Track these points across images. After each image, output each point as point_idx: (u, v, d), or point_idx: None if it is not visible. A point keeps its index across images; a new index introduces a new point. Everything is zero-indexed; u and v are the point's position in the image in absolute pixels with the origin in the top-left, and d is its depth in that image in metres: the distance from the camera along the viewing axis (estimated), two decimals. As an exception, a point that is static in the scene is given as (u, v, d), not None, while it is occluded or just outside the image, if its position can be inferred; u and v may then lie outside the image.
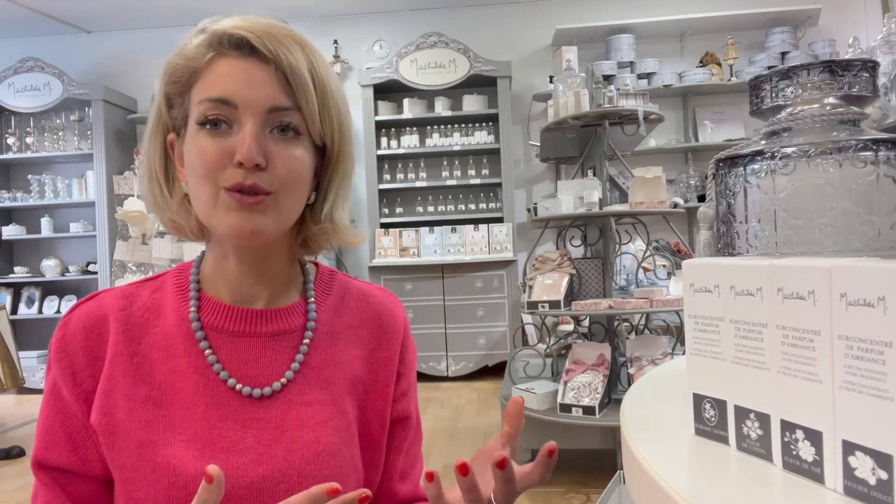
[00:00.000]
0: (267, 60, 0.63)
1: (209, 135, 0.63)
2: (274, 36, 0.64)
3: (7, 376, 3.46)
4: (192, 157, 0.64)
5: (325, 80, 0.66)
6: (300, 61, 0.64)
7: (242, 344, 0.69)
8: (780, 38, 4.83)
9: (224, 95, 0.62)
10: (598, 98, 2.56)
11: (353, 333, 0.75)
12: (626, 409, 0.64)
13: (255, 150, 0.61)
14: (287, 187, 0.64)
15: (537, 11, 5.27)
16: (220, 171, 0.62)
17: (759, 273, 0.48)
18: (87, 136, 5.17)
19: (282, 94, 0.63)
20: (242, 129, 0.62)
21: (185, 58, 0.64)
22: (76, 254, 5.35)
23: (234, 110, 0.62)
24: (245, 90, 0.62)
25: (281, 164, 0.63)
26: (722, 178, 0.64)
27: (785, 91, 0.61)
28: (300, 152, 0.65)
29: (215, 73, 0.63)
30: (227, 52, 0.63)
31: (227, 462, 0.64)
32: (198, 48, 0.64)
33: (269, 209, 0.64)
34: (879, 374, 0.38)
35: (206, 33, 0.64)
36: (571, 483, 2.53)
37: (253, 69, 0.63)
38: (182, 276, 0.73)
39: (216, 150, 0.62)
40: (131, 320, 0.69)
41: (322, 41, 5.34)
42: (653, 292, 2.38)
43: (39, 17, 5.16)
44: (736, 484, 0.46)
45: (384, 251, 4.78)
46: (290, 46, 0.64)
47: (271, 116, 0.63)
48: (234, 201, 0.62)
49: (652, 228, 2.67)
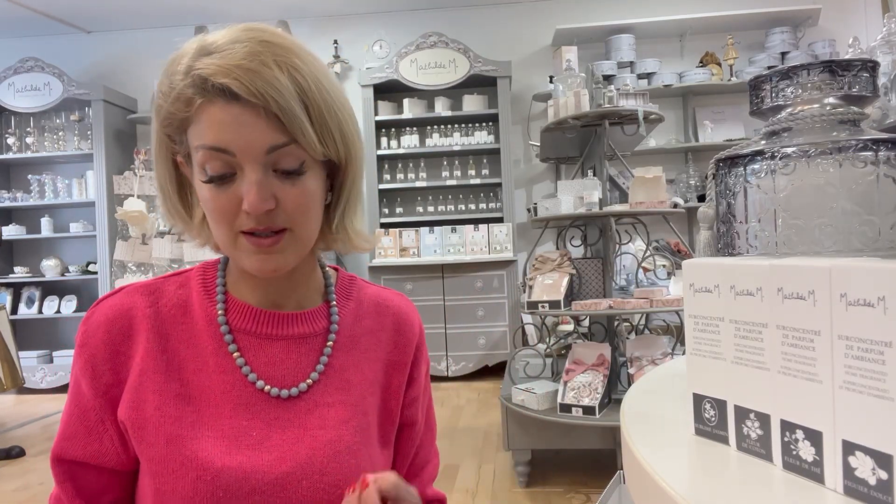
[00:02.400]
0: (254, 104, 0.61)
1: (214, 187, 0.63)
2: (257, 73, 0.60)
3: (7, 376, 3.46)
4: (203, 201, 0.65)
5: (318, 98, 0.64)
6: (288, 94, 0.61)
7: (268, 345, 0.71)
8: (780, 38, 4.83)
9: (219, 144, 0.61)
10: (598, 98, 2.56)
11: (373, 337, 0.78)
12: (626, 409, 0.64)
13: (262, 199, 0.61)
14: (300, 221, 0.66)
15: (537, 11, 5.27)
16: (233, 217, 0.63)
17: (759, 273, 0.47)
18: (87, 136, 5.17)
19: (276, 133, 0.62)
20: (246, 178, 0.62)
21: (174, 105, 0.63)
22: (76, 254, 5.35)
23: (233, 157, 0.62)
24: (238, 137, 0.61)
25: (291, 203, 0.64)
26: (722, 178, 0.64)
27: (785, 91, 0.61)
28: (309, 183, 0.65)
29: (207, 120, 0.62)
30: (215, 99, 0.61)
31: (253, 459, 0.66)
32: (183, 92, 0.62)
33: (288, 246, 0.65)
34: (879, 374, 0.38)
35: (191, 76, 0.61)
36: (571, 483, 2.53)
37: (242, 114, 0.61)
38: (208, 276, 0.74)
39: (224, 200, 0.63)
40: (160, 316, 0.70)
41: (322, 41, 5.34)
42: (653, 292, 2.37)
43: (39, 17, 5.15)
44: (736, 484, 0.46)
45: (384, 251, 4.78)
46: (274, 82, 0.61)
47: (271, 157, 0.63)
48: (252, 245, 0.64)
49: (652, 228, 2.67)
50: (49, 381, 4.92)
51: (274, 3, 5.11)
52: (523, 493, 2.48)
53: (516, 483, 2.55)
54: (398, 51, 4.97)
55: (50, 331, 5.36)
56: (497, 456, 2.92)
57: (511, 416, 2.51)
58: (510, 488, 2.53)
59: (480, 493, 2.50)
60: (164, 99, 0.64)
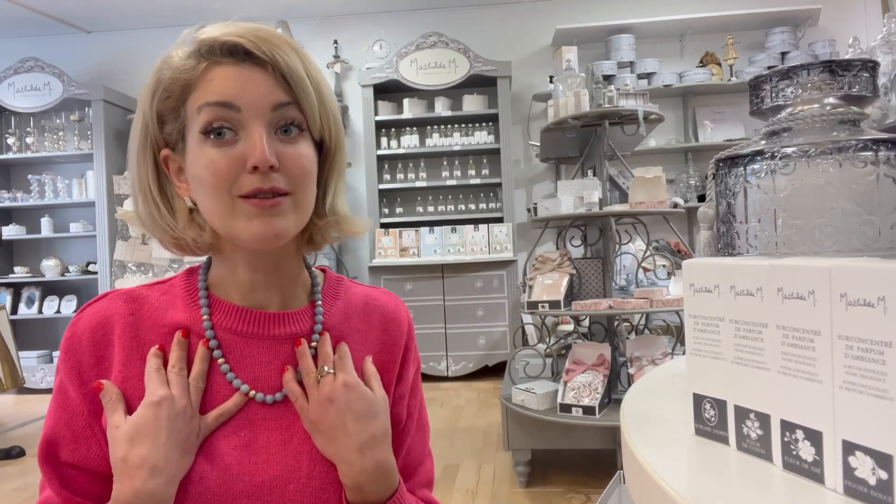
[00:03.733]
0: (263, 63, 0.63)
1: (215, 145, 0.62)
2: (266, 39, 0.63)
3: (7, 376, 3.46)
4: (199, 170, 0.64)
5: (318, 80, 0.67)
6: (295, 62, 0.64)
7: (253, 346, 0.70)
8: (780, 38, 4.83)
9: (226, 98, 0.62)
10: (598, 98, 2.56)
11: (361, 337, 0.77)
12: (626, 409, 0.64)
13: (269, 152, 0.62)
14: (301, 185, 0.65)
15: (537, 11, 5.27)
16: (233, 180, 0.63)
17: (759, 273, 0.47)
18: (87, 136, 5.17)
19: (281, 92, 0.64)
20: (251, 135, 0.62)
21: (177, 70, 0.64)
22: (76, 254, 5.35)
23: (238, 113, 0.62)
24: (245, 92, 0.62)
25: (292, 164, 0.64)
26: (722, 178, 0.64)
27: (785, 91, 0.61)
28: (306, 149, 0.66)
29: (213, 79, 0.63)
30: (221, 60, 0.63)
31: (240, 462, 0.66)
32: (188, 59, 0.63)
33: (289, 210, 0.65)
34: (879, 374, 0.38)
35: (194, 43, 0.64)
36: (571, 483, 2.53)
37: (250, 73, 0.63)
38: (191, 280, 0.74)
39: (225, 160, 0.62)
40: (142, 323, 0.69)
41: (322, 41, 5.35)
42: (653, 292, 2.37)
43: (39, 17, 5.15)
44: (736, 484, 0.46)
45: (384, 251, 4.78)
46: (282, 47, 0.64)
47: (275, 115, 0.64)
48: (253, 207, 0.63)
49: (652, 228, 2.67)
50: (49, 381, 4.91)
51: (274, 3, 5.11)
52: (523, 493, 2.48)
53: (516, 483, 2.55)
54: (398, 51, 4.97)
55: (50, 331, 5.36)
56: (497, 456, 2.92)
57: (511, 416, 2.51)
58: (510, 488, 2.53)
59: (480, 493, 2.50)
60: (163, 71, 0.64)
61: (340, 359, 0.70)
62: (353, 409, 0.67)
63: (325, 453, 0.67)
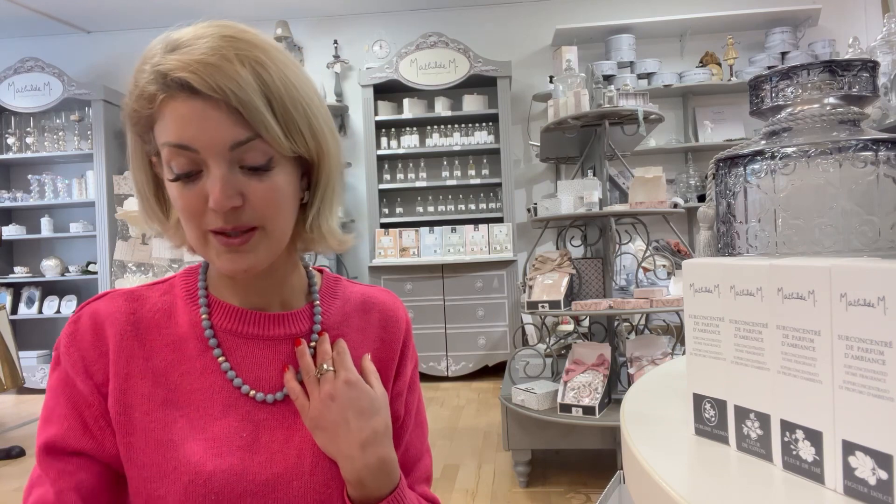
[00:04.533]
0: (214, 99, 0.60)
1: (181, 185, 0.62)
2: (217, 67, 0.59)
3: (7, 376, 3.46)
4: (173, 201, 0.64)
5: (282, 93, 0.62)
6: (250, 88, 0.60)
7: (253, 346, 0.71)
8: (780, 38, 4.83)
9: (182, 142, 0.60)
10: (598, 98, 2.56)
11: (360, 335, 0.77)
12: (626, 409, 0.64)
13: (226, 196, 0.60)
14: (271, 217, 0.64)
15: (537, 11, 5.27)
16: (201, 216, 0.62)
17: (759, 273, 0.47)
18: (87, 136, 5.17)
19: (239, 129, 0.61)
20: (211, 175, 0.61)
21: (138, 103, 0.63)
22: (76, 254, 5.35)
23: (197, 154, 0.61)
24: (201, 134, 0.60)
25: (258, 200, 0.63)
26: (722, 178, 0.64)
27: (785, 91, 0.61)
28: (278, 179, 0.64)
29: (170, 116, 0.61)
30: (176, 94, 0.60)
31: (244, 461, 0.66)
32: (146, 87, 0.61)
33: (259, 243, 0.64)
34: (879, 374, 0.38)
35: (153, 73, 0.61)
36: (571, 483, 2.53)
37: (203, 109, 0.60)
38: (191, 280, 0.74)
39: (191, 197, 0.62)
40: (142, 322, 0.70)
41: (322, 41, 5.35)
42: (653, 292, 2.37)
43: (39, 17, 5.15)
44: (736, 484, 0.46)
45: (384, 251, 4.78)
46: (235, 76, 0.59)
47: (236, 153, 0.61)
48: (221, 245, 0.63)
49: (652, 228, 2.67)
50: (49, 381, 4.91)
51: (274, 3, 5.11)
52: (523, 493, 2.48)
53: (516, 483, 2.55)
54: (398, 51, 4.97)
55: (50, 331, 5.36)
56: (497, 456, 2.92)
57: (511, 416, 2.51)
58: (510, 488, 2.53)
59: (480, 493, 2.50)
60: (130, 97, 0.64)
61: (339, 356, 0.71)
62: (355, 405, 0.68)
63: (327, 451, 0.68)
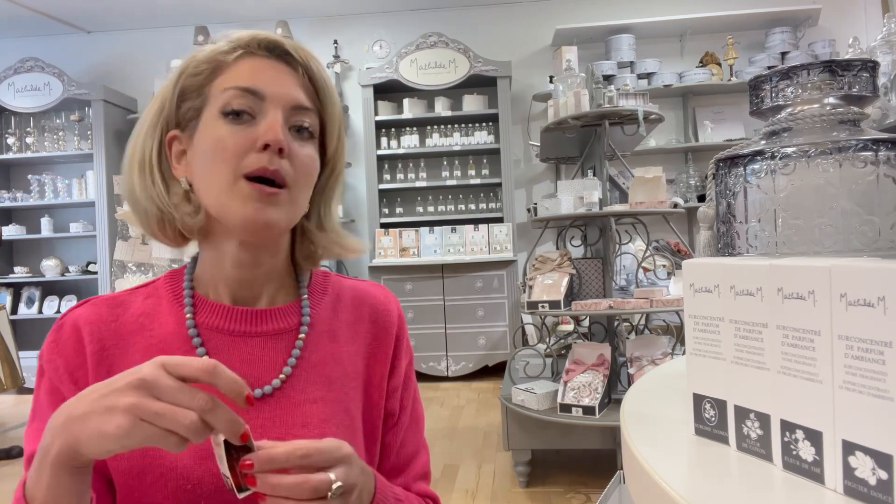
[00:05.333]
0: (295, 65, 0.68)
1: (229, 123, 0.64)
2: (301, 48, 0.69)
3: (7, 376, 3.46)
4: (207, 145, 0.65)
5: (333, 92, 0.72)
6: (323, 70, 0.70)
7: (240, 344, 0.70)
8: (780, 38, 4.83)
9: (253, 85, 0.65)
10: (598, 98, 2.56)
11: (351, 330, 0.76)
12: (626, 409, 0.64)
13: (283, 133, 0.64)
14: (301, 183, 0.67)
15: (537, 11, 5.27)
16: (240, 158, 0.64)
17: (759, 273, 0.47)
18: (87, 136, 5.17)
19: (306, 96, 0.68)
20: (268, 117, 0.64)
21: (211, 52, 0.67)
22: (76, 254, 5.35)
23: (261, 101, 0.65)
24: (273, 84, 0.66)
25: (298, 159, 0.66)
26: (722, 178, 0.64)
27: (785, 91, 0.61)
28: (313, 152, 0.69)
29: (244, 66, 0.66)
30: (257, 52, 0.67)
31: None
32: (224, 46, 0.67)
33: (284, 203, 0.65)
34: (879, 374, 0.38)
35: (233, 38, 0.67)
36: (571, 483, 2.53)
37: (282, 69, 0.67)
38: (175, 281, 0.74)
39: (237, 137, 0.64)
40: (125, 328, 0.69)
41: (322, 41, 5.34)
42: (653, 292, 2.37)
43: (39, 17, 5.15)
44: (736, 484, 0.46)
45: (384, 251, 4.78)
46: (315, 59, 0.70)
47: (293, 114, 0.67)
48: (254, 191, 0.63)
49: (652, 228, 2.67)
50: (49, 381, 4.91)
51: (274, 3, 5.11)
52: (523, 493, 2.48)
53: (516, 483, 2.55)
54: (398, 51, 4.97)
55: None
56: (497, 456, 2.92)
57: (511, 416, 2.51)
58: (510, 488, 2.53)
59: (480, 493, 2.50)
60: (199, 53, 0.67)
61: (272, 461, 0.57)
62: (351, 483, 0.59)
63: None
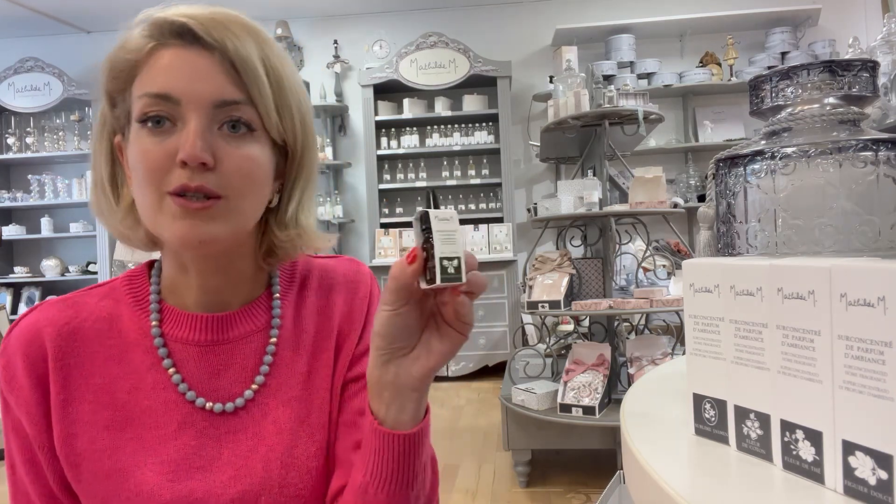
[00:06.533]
0: (212, 49, 0.57)
1: (150, 133, 0.57)
2: (219, 22, 0.58)
3: (7, 376, 3.45)
4: (134, 159, 0.58)
5: (279, 69, 0.61)
6: (250, 50, 0.58)
7: (209, 353, 0.65)
8: (780, 38, 4.83)
9: (165, 90, 0.56)
10: (598, 98, 2.56)
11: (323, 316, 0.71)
12: (626, 409, 0.64)
13: (200, 147, 0.55)
14: (240, 190, 0.59)
15: (537, 11, 5.27)
16: (164, 174, 0.56)
17: (759, 273, 0.47)
18: (87, 136, 5.17)
19: (230, 87, 0.58)
20: (187, 126, 0.56)
21: (125, 50, 0.59)
22: (76, 254, 5.35)
23: (177, 106, 0.56)
24: (187, 84, 0.56)
25: (231, 164, 0.58)
26: (722, 178, 0.64)
27: (785, 91, 0.61)
28: (255, 150, 0.60)
29: (156, 65, 0.57)
30: (169, 42, 0.57)
31: (204, 482, 0.61)
32: (138, 39, 0.58)
33: (220, 215, 0.58)
34: (879, 374, 0.38)
35: (147, 22, 0.58)
36: (571, 483, 2.53)
37: (196, 60, 0.57)
38: (136, 284, 0.68)
39: (159, 150, 0.56)
40: (81, 333, 0.64)
41: (322, 41, 5.35)
42: (653, 292, 2.37)
43: (39, 17, 5.15)
44: (736, 484, 0.46)
45: (384, 251, 4.78)
46: (237, 33, 0.58)
47: (219, 112, 0.58)
48: (179, 207, 0.56)
49: (652, 228, 2.67)
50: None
51: (274, 3, 5.11)
52: (523, 493, 2.48)
53: (516, 483, 2.55)
54: (398, 51, 4.97)
55: (50, 331, 5.36)
56: (497, 456, 2.92)
57: (511, 416, 2.51)
58: (510, 488, 2.53)
59: (480, 493, 2.50)
60: (115, 50, 0.59)
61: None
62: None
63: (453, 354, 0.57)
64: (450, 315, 0.54)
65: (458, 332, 0.54)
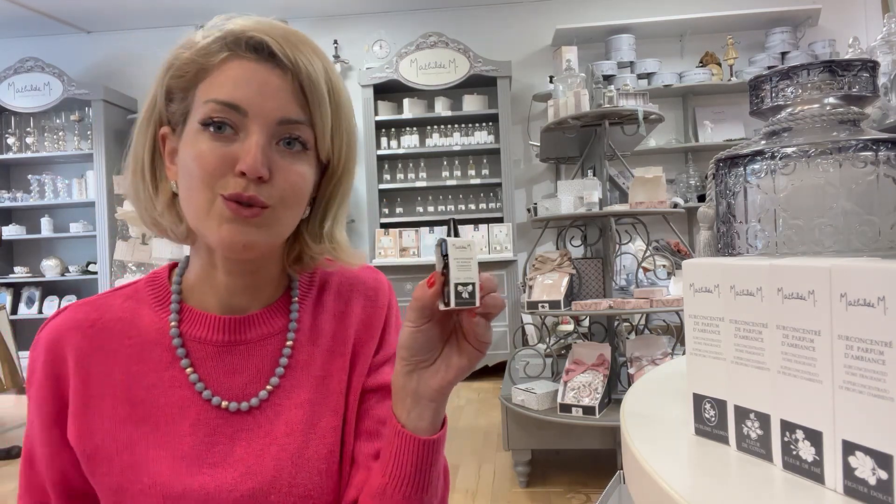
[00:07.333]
0: (284, 68, 0.60)
1: (212, 138, 0.59)
2: (293, 42, 0.61)
3: (7, 376, 3.46)
4: (188, 159, 0.60)
5: (339, 92, 0.64)
6: (318, 71, 0.61)
7: (227, 354, 0.67)
8: (780, 38, 4.83)
9: (234, 100, 0.59)
10: (598, 98, 2.56)
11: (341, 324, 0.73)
12: (626, 409, 0.64)
13: (261, 162, 0.58)
14: (286, 203, 0.61)
15: (537, 11, 5.27)
16: (218, 177, 0.59)
17: (759, 273, 0.47)
18: (87, 136, 5.17)
19: (295, 106, 0.61)
20: (249, 138, 0.59)
21: (196, 52, 0.61)
22: (76, 254, 5.35)
23: (243, 117, 0.59)
24: (257, 97, 0.59)
25: (283, 179, 0.60)
26: (722, 178, 0.64)
27: (785, 91, 0.61)
28: (304, 168, 0.62)
29: (227, 73, 0.60)
30: (243, 55, 0.60)
31: (216, 477, 0.63)
32: (211, 45, 0.60)
33: (264, 223, 0.61)
34: (879, 374, 0.38)
35: (222, 31, 0.61)
36: (571, 483, 2.53)
37: (268, 76, 0.60)
38: (157, 285, 0.70)
39: (217, 155, 0.59)
40: (104, 333, 0.66)
41: (322, 41, 5.34)
42: (653, 292, 2.37)
43: (39, 17, 5.15)
44: (736, 484, 0.46)
45: (384, 251, 4.78)
46: (308, 55, 0.61)
47: (280, 129, 0.60)
48: (230, 212, 0.59)
49: (652, 228, 2.67)
50: (49, 381, 4.91)
51: (274, 3, 5.11)
52: (523, 493, 2.48)
53: (516, 483, 2.55)
54: (398, 51, 4.98)
55: (50, 331, 5.36)
56: (497, 456, 2.92)
57: (511, 416, 2.51)
58: (510, 488, 2.53)
59: (480, 493, 2.50)
60: (185, 48, 0.61)
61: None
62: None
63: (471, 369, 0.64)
64: (468, 333, 0.59)
65: (475, 349, 0.60)
